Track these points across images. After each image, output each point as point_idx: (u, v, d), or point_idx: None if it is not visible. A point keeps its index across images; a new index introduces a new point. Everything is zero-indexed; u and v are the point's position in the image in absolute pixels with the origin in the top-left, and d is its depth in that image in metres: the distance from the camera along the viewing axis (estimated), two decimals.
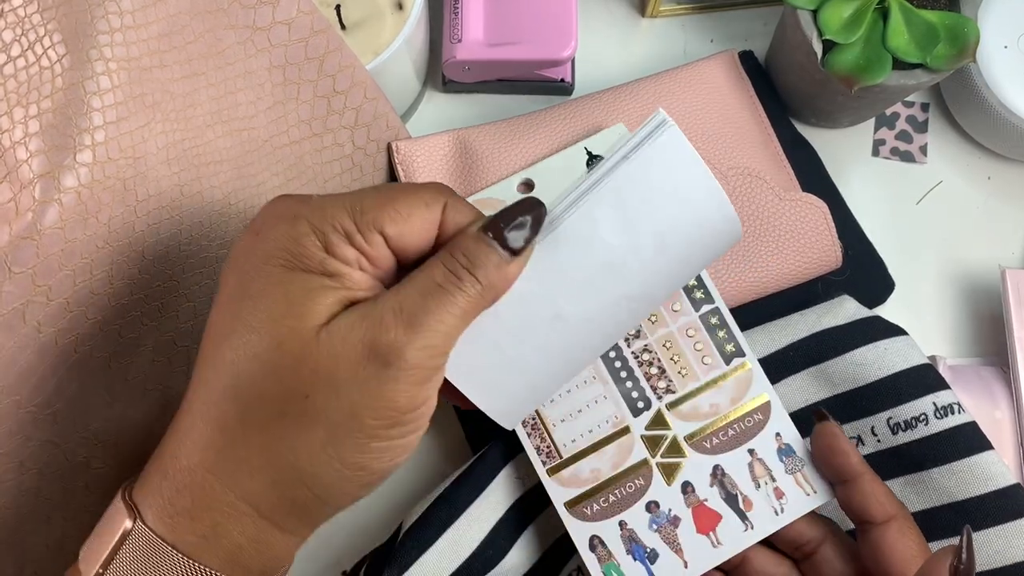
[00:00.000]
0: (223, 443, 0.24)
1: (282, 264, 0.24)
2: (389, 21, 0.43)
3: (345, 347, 0.24)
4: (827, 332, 0.40)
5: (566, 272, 0.29)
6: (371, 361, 0.24)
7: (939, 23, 0.41)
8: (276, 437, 0.24)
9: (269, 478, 0.24)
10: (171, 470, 0.25)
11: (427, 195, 0.26)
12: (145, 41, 0.31)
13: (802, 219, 0.44)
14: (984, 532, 0.36)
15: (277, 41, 0.36)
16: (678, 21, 0.53)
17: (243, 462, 0.24)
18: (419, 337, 0.24)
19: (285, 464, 0.24)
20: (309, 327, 0.24)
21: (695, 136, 0.45)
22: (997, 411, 0.43)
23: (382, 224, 0.25)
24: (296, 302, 0.24)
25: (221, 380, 0.25)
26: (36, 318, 0.29)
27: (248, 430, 0.24)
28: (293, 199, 0.26)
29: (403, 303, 0.24)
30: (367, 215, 0.25)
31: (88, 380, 0.32)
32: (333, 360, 0.24)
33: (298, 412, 0.24)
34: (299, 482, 0.25)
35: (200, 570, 0.24)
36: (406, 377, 0.24)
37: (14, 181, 0.27)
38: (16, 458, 0.31)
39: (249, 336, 0.24)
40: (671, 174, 0.29)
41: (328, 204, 0.25)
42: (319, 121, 0.39)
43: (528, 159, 0.44)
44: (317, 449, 0.24)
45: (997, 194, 0.50)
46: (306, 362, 0.24)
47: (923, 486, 0.38)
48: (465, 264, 0.25)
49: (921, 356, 0.39)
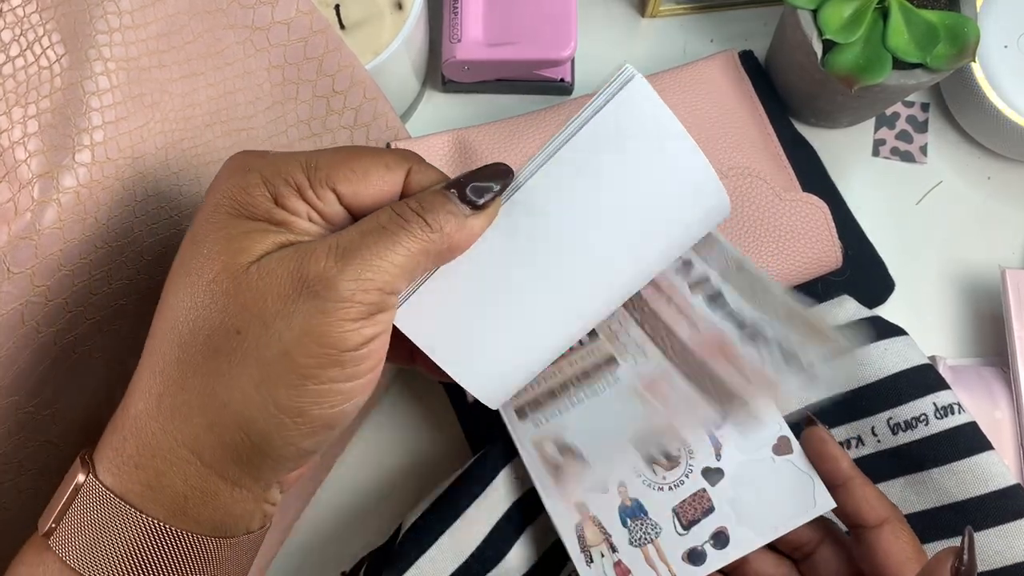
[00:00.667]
0: (163, 387, 0.24)
1: (227, 211, 0.24)
2: (388, 21, 0.43)
3: (273, 279, 0.23)
4: None
5: (535, 238, 0.28)
6: (300, 293, 0.23)
7: (939, 23, 0.41)
8: (210, 376, 0.24)
9: (206, 420, 0.24)
10: (119, 421, 0.25)
11: (389, 158, 0.26)
12: (144, 41, 0.31)
13: (802, 219, 0.44)
14: (984, 532, 0.36)
15: (276, 41, 0.36)
16: (678, 21, 0.53)
17: (182, 405, 0.24)
18: (351, 268, 0.23)
19: (219, 405, 0.24)
20: (241, 263, 0.24)
21: (695, 136, 0.45)
22: (997, 411, 0.43)
23: (335, 181, 0.25)
24: (234, 241, 0.24)
25: (161, 325, 0.25)
26: (35, 318, 0.29)
27: (185, 371, 0.24)
28: (249, 154, 0.26)
29: (340, 240, 0.24)
30: (321, 171, 0.25)
31: (87, 380, 0.32)
32: (262, 294, 0.23)
33: (229, 349, 0.23)
34: (236, 426, 0.24)
35: (145, 520, 0.24)
36: (336, 310, 0.23)
37: (13, 181, 0.27)
38: (15, 459, 0.31)
39: (187, 278, 0.24)
40: (640, 133, 0.28)
41: (282, 159, 0.25)
42: (318, 121, 0.39)
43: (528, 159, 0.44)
44: (251, 390, 0.23)
45: (997, 194, 0.50)
46: (236, 297, 0.23)
47: (923, 486, 0.38)
48: (415, 207, 0.25)
49: (921, 356, 0.39)
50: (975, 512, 0.37)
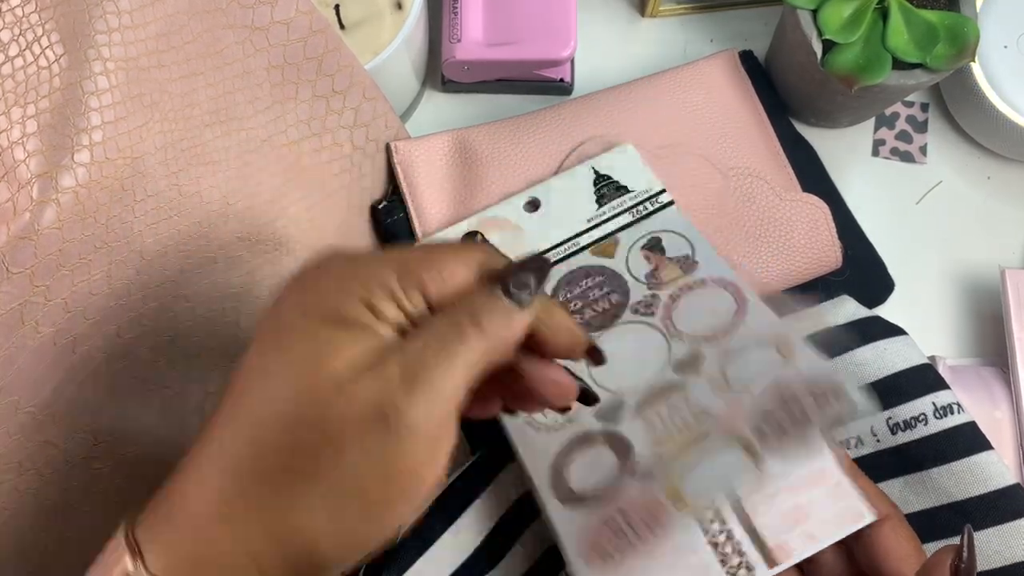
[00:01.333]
0: (231, 491, 0.24)
1: (320, 317, 0.24)
2: (388, 21, 0.43)
3: (352, 407, 0.23)
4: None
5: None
6: (374, 423, 0.23)
7: (939, 23, 0.41)
8: (283, 495, 0.24)
9: (273, 538, 0.24)
10: (178, 513, 0.25)
11: (468, 256, 0.26)
12: (143, 41, 0.31)
13: (802, 219, 0.44)
14: (983, 532, 0.36)
15: (276, 41, 0.36)
16: (678, 21, 0.53)
17: (251, 519, 0.24)
18: (420, 396, 0.24)
19: (290, 528, 0.24)
20: (328, 382, 0.24)
21: (695, 136, 0.45)
22: (997, 411, 0.43)
23: (424, 283, 0.25)
24: (323, 354, 0.24)
25: (239, 427, 0.24)
26: (34, 318, 0.29)
27: (257, 482, 0.24)
28: (341, 256, 0.26)
29: (408, 361, 0.24)
30: (412, 276, 0.25)
31: (87, 380, 0.32)
32: (340, 420, 0.23)
33: (303, 468, 0.24)
34: (302, 549, 0.24)
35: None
36: (409, 441, 0.23)
37: (12, 181, 0.27)
38: (15, 459, 0.31)
39: (272, 384, 0.24)
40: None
41: (375, 264, 0.25)
42: (318, 121, 0.39)
43: (528, 160, 0.44)
44: (323, 519, 0.24)
45: (997, 194, 0.50)
46: (318, 418, 0.24)
47: (922, 486, 0.38)
48: (469, 318, 0.25)
49: (921, 356, 0.39)
50: (974, 512, 0.37)
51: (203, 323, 0.36)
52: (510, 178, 0.44)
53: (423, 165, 0.44)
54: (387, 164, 0.44)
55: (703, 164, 0.44)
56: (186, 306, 0.35)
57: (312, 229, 0.39)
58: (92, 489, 0.35)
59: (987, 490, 0.37)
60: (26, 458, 0.32)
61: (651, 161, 0.44)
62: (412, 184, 0.44)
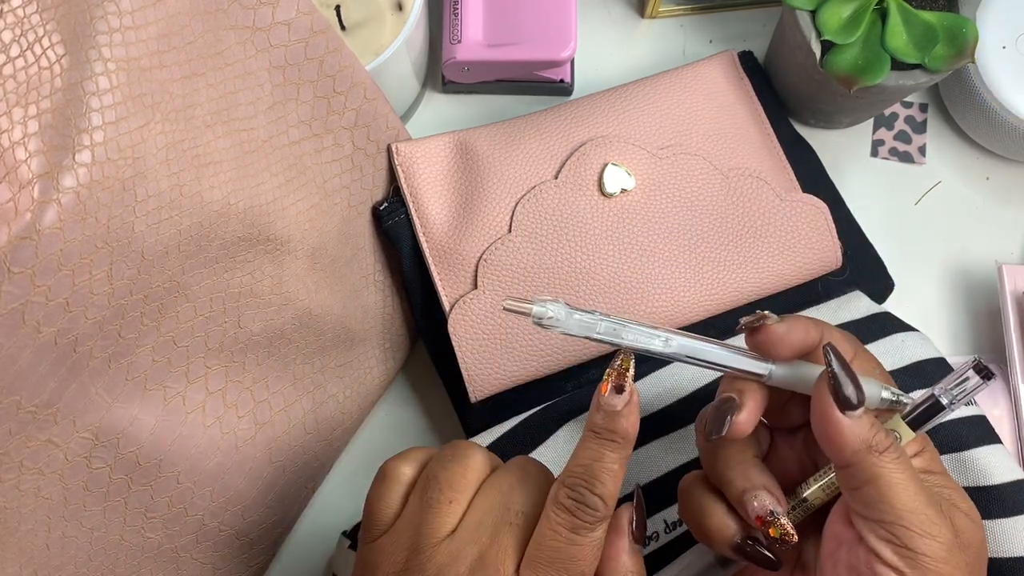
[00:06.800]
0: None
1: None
2: (389, 22, 0.43)
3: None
4: (845, 326, 0.40)
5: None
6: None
7: (938, 24, 0.41)
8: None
9: None
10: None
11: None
12: (144, 41, 0.31)
13: (802, 219, 0.44)
14: (987, 523, 0.36)
15: (277, 42, 0.36)
16: (677, 21, 0.53)
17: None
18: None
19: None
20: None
21: (695, 137, 0.45)
22: (995, 409, 0.43)
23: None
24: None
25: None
26: (35, 318, 0.29)
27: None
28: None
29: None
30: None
31: (88, 380, 0.32)
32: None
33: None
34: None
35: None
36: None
37: (13, 181, 0.27)
38: (15, 458, 0.31)
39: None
40: None
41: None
42: (319, 121, 0.39)
43: (529, 161, 0.44)
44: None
45: (996, 194, 0.50)
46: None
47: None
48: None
49: (936, 350, 0.39)
50: (979, 503, 0.37)
51: (204, 323, 0.36)
52: (511, 179, 0.44)
53: (424, 166, 0.44)
54: (388, 165, 0.45)
55: (703, 164, 0.44)
56: (187, 306, 0.35)
57: (313, 229, 0.39)
58: (93, 489, 0.35)
59: (991, 483, 0.37)
60: (27, 457, 0.32)
61: (651, 161, 0.44)
62: (413, 185, 0.44)
